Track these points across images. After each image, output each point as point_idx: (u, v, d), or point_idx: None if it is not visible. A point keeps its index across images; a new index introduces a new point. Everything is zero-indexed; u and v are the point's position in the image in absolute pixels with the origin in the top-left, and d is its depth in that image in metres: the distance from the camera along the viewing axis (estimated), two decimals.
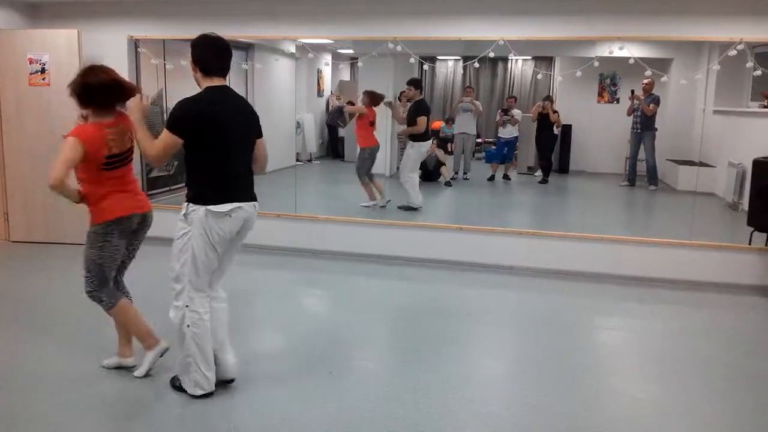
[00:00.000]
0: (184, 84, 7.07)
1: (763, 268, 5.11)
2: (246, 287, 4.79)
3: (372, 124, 7.35)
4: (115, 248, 3.27)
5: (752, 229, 5.21)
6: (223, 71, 3.07)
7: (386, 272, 5.49)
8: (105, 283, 3.28)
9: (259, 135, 3.19)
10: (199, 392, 3.10)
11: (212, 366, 3.11)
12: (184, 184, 3.06)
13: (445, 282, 5.30)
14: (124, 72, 6.15)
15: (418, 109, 7.17)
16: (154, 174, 6.74)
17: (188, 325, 3.04)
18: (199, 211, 2.95)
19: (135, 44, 6.18)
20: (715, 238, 5.41)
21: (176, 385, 3.19)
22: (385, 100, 7.39)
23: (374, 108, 7.33)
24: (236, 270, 3.42)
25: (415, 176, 7.20)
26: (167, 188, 6.92)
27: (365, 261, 5.71)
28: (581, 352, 3.93)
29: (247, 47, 7.32)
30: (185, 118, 2.94)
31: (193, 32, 5.86)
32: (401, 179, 7.24)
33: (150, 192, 6.61)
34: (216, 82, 3.03)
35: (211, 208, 2.94)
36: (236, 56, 7.29)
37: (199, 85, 3.08)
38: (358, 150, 7.36)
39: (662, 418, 3.13)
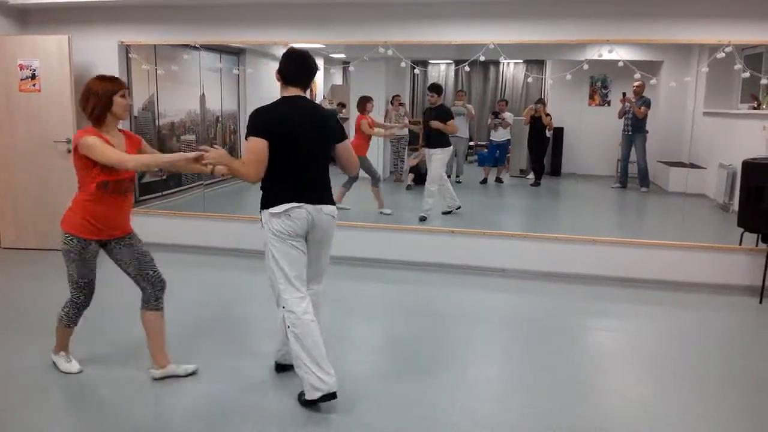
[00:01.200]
0: (176, 89, 7.16)
1: (753, 268, 5.14)
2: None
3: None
4: None
5: (742, 229, 5.24)
6: (301, 83, 3.18)
7: (377, 276, 5.50)
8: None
9: (338, 140, 3.24)
10: (317, 395, 3.03)
11: (325, 366, 3.04)
12: (175, 190, 3.07)
13: (437, 285, 5.31)
14: None
15: (446, 113, 7.09)
16: (146, 180, 6.72)
17: (288, 326, 3.06)
18: (264, 215, 3.10)
19: (126, 50, 6.17)
20: (706, 239, 5.44)
21: (301, 400, 3.14)
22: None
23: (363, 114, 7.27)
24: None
25: (446, 180, 7.21)
26: (159, 194, 6.90)
27: (356, 265, 5.70)
28: (574, 353, 3.95)
29: (238, 52, 7.32)
30: (261, 124, 3.03)
31: (185, 37, 5.98)
32: (433, 188, 7.15)
33: (142, 197, 6.61)
34: (291, 92, 3.15)
35: (270, 210, 3.06)
36: (227, 61, 7.35)
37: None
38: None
39: (654, 419, 3.14)
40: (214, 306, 4.67)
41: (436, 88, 7.18)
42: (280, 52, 6.18)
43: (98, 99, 3.12)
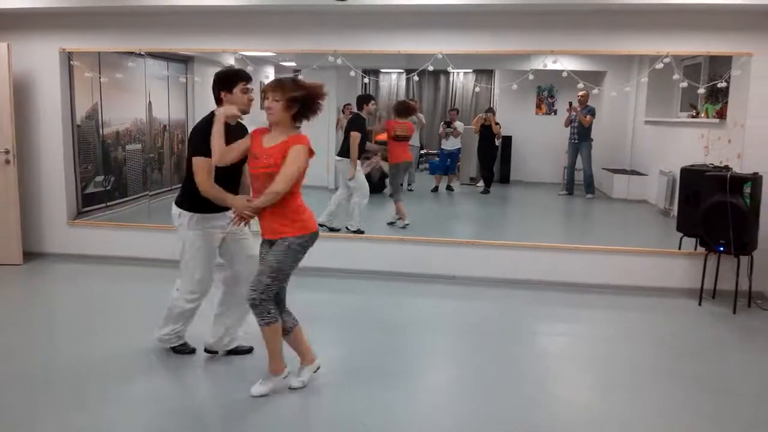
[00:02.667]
0: (120, 97, 7.00)
1: (692, 271, 5.32)
2: None
3: (398, 138, 7.14)
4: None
5: (681, 234, 5.42)
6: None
7: (322, 285, 5.46)
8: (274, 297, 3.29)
9: (193, 153, 3.38)
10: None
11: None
12: (119, 201, 3.07)
13: (386, 294, 5.32)
14: (56, 86, 5.98)
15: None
16: (90, 190, 6.54)
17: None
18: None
19: (68, 57, 6.01)
20: (648, 243, 5.62)
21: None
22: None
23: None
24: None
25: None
26: (103, 204, 6.72)
27: (298, 274, 5.65)
28: (521, 358, 4.00)
29: (186, 60, 7.20)
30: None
31: (130, 44, 5.86)
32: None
33: (85, 209, 6.43)
34: None
35: None
36: (174, 69, 7.23)
37: None
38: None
39: (599, 423, 3.20)
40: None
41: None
42: (230, 60, 6.11)
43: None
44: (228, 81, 3.40)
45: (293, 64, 7.88)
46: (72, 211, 6.24)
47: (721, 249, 4.89)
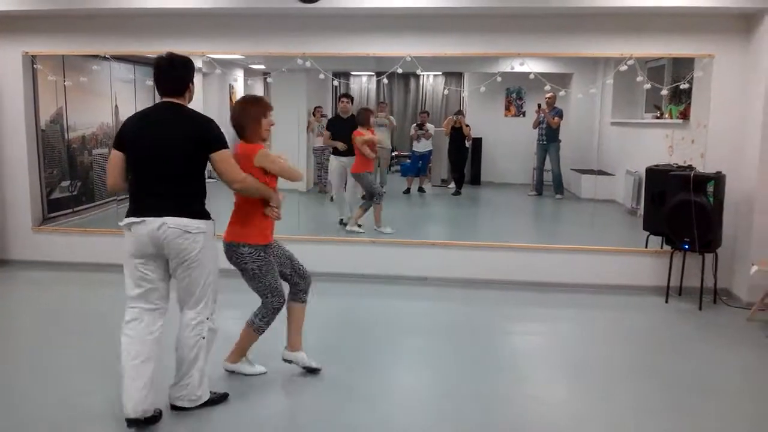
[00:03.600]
0: (85, 101, 6.90)
1: (658, 269, 5.41)
2: None
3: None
4: None
5: (648, 233, 5.52)
6: (163, 90, 3.12)
7: None
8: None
9: (209, 149, 3.01)
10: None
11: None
12: (86, 206, 3.00)
13: (356, 295, 5.31)
14: (19, 90, 5.86)
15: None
16: (55, 195, 6.42)
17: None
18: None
19: (31, 60, 5.89)
20: (616, 242, 5.70)
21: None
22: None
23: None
24: None
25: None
26: (70, 210, 6.60)
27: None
28: (493, 358, 4.02)
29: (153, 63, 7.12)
30: (119, 134, 3.08)
31: (94, 47, 5.78)
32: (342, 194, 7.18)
33: (51, 214, 6.31)
34: (164, 99, 3.11)
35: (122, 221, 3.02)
36: (141, 72, 7.14)
37: None
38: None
39: (574, 420, 3.24)
40: None
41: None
42: (197, 63, 6.06)
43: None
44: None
45: (262, 66, 7.84)
46: (37, 216, 6.11)
47: (686, 247, 4.99)
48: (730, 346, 4.32)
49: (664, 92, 5.77)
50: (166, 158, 2.95)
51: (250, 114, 3.30)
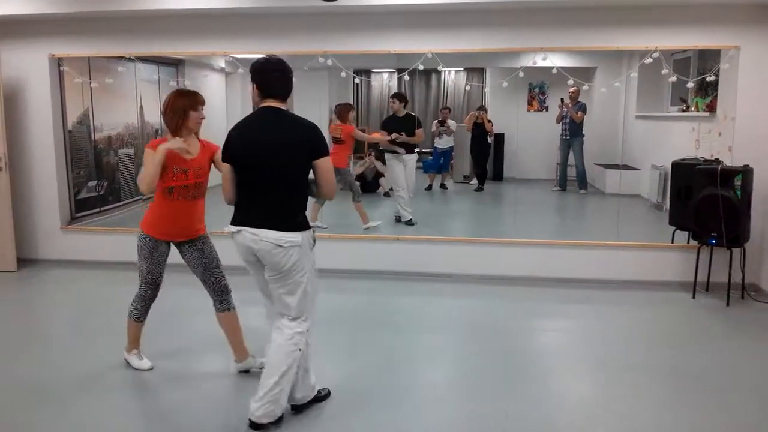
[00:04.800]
0: (111, 102, 7.00)
1: (685, 264, 5.35)
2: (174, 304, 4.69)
3: (335, 141, 7.04)
4: None
5: (674, 228, 5.45)
6: (273, 94, 3.00)
7: (323, 285, 5.45)
8: None
9: (314, 156, 2.92)
10: None
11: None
12: (112, 206, 3.04)
13: (383, 293, 5.33)
14: (46, 92, 5.97)
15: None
16: (82, 195, 6.53)
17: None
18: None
19: (58, 63, 6.00)
20: (641, 238, 5.64)
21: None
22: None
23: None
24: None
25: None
26: (97, 210, 6.71)
27: None
28: (519, 355, 4.02)
29: (177, 63, 7.20)
30: (225, 144, 3.05)
31: (119, 49, 5.85)
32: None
33: (78, 214, 6.41)
34: (264, 103, 3.00)
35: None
36: (165, 73, 7.22)
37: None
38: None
39: (598, 418, 3.22)
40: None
41: (398, 96, 7.30)
42: (220, 63, 6.10)
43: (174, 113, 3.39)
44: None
45: None
46: (65, 216, 6.23)
47: (713, 242, 4.92)
48: (758, 342, 4.26)
49: (690, 85, 5.69)
50: (274, 165, 2.88)
51: (178, 106, 3.39)
